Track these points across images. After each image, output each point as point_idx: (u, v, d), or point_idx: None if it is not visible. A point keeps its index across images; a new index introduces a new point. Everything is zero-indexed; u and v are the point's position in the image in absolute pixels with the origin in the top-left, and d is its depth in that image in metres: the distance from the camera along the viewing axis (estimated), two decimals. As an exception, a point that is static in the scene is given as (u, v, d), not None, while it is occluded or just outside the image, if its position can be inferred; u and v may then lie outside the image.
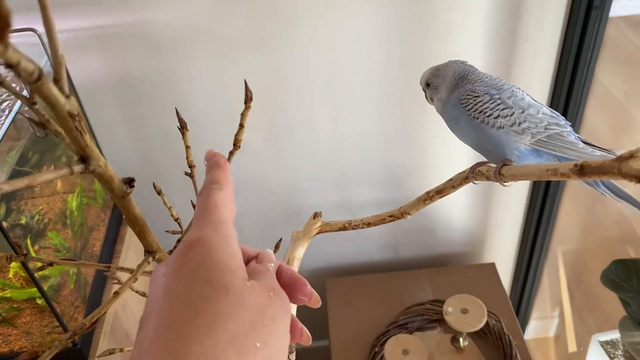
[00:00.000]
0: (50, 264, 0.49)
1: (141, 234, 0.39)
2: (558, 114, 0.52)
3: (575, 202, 2.00)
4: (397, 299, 1.30)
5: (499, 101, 0.49)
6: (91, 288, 0.91)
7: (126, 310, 0.98)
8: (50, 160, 0.87)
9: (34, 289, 0.79)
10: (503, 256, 1.48)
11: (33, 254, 0.85)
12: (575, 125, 1.15)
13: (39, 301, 0.81)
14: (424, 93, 0.60)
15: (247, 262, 0.33)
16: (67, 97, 0.26)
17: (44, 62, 0.83)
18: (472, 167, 0.52)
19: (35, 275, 0.78)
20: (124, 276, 0.91)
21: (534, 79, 1.14)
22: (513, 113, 0.49)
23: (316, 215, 0.80)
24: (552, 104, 1.16)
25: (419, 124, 1.17)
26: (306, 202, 1.28)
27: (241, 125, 0.44)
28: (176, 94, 1.06)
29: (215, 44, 1.02)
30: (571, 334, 1.64)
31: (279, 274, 0.34)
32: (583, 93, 1.11)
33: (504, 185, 0.48)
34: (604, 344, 1.35)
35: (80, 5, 0.95)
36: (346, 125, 1.16)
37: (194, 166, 0.49)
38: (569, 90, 1.11)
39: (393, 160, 1.23)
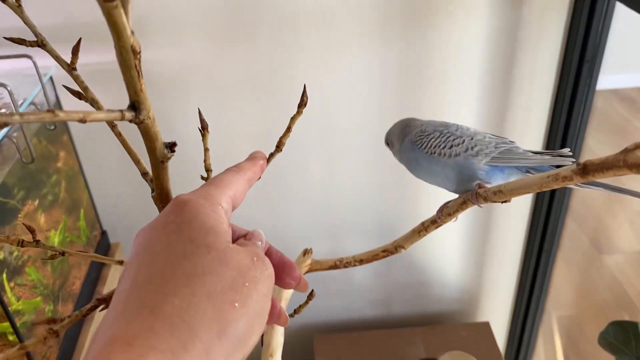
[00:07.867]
0: (62, 254, 0.48)
1: None
2: (500, 136, 0.57)
3: (569, 266, 1.97)
4: (389, 358, 1.25)
5: (448, 134, 0.55)
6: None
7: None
8: (35, 196, 0.85)
9: (6, 324, 0.75)
10: (498, 316, 1.44)
11: (8, 291, 0.81)
12: (566, 192, 1.15)
13: (11, 337, 0.76)
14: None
15: (236, 239, 0.33)
16: (132, 32, 0.25)
17: (37, 90, 0.83)
18: (441, 207, 0.55)
19: (10, 309, 0.74)
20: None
21: (525, 139, 1.14)
22: (464, 141, 0.54)
23: (306, 252, 0.77)
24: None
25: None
26: (296, 249, 1.24)
27: (289, 129, 0.45)
28: (171, 133, 1.06)
29: (212, 86, 1.03)
30: (568, 402, 1.57)
31: (268, 255, 0.34)
32: (574, 157, 1.11)
33: (480, 207, 0.51)
34: (603, 412, 1.29)
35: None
36: (339, 173, 1.15)
37: (211, 170, 0.47)
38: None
39: (387, 209, 1.21)
